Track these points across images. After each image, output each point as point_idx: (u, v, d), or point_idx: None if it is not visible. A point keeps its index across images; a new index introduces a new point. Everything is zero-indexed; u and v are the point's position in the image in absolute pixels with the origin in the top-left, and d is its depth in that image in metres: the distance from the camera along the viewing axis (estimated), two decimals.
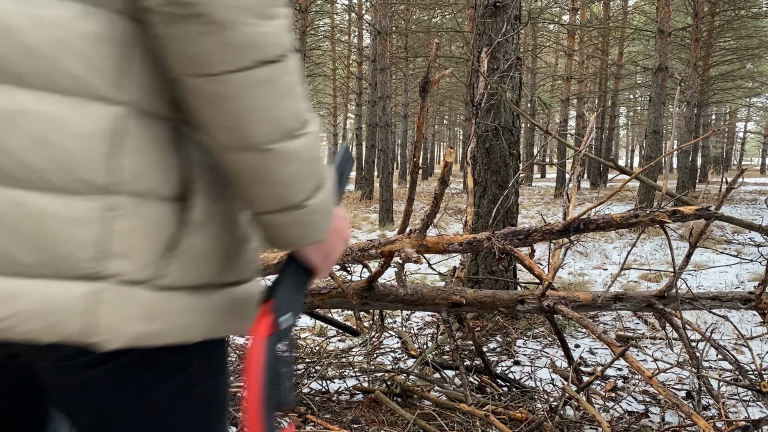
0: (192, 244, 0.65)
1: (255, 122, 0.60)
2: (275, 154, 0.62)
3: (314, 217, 0.69)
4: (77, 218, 0.59)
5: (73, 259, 0.59)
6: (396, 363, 3.08)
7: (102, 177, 0.59)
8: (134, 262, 0.61)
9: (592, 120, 2.91)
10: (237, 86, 0.58)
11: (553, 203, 14.94)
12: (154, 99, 0.62)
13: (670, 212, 2.20)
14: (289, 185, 0.65)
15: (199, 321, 0.68)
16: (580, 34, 20.14)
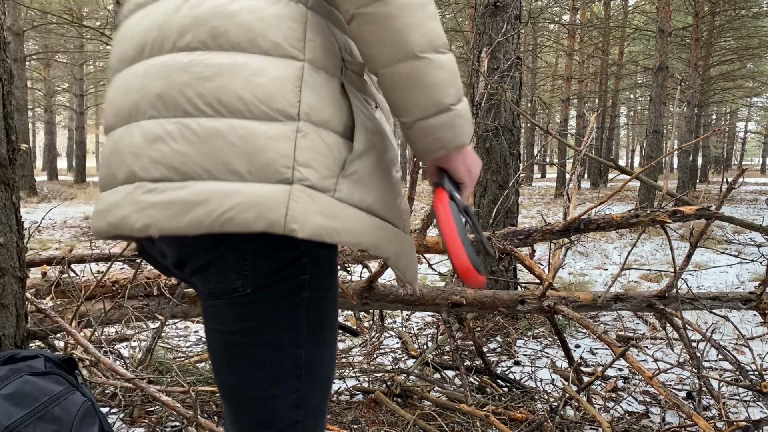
0: (356, 169, 0.85)
1: (413, 35, 0.81)
2: (428, 61, 0.83)
3: (460, 120, 0.86)
4: (275, 136, 0.80)
5: (273, 166, 0.79)
6: (396, 363, 3.08)
7: (291, 108, 0.81)
8: (316, 173, 0.81)
9: (592, 120, 2.91)
10: (398, 6, 0.81)
11: (554, 203, 14.93)
12: (324, 59, 0.86)
13: (671, 212, 2.20)
14: (439, 88, 0.84)
15: (366, 232, 0.85)
16: (581, 34, 20.13)
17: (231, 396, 0.94)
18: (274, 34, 0.83)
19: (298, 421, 0.93)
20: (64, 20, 16.24)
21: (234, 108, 0.80)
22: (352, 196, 0.84)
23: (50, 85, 23.48)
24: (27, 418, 1.28)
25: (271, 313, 0.87)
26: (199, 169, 0.79)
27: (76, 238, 8.29)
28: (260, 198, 0.78)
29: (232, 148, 0.79)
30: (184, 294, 2.47)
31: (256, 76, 0.81)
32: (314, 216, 0.79)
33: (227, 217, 0.78)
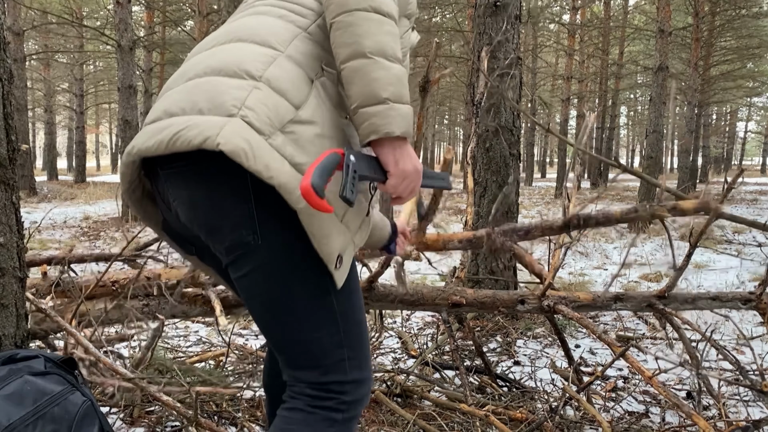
0: (295, 130, 1.02)
1: (366, 40, 1.03)
2: (374, 61, 1.03)
3: (393, 113, 1.04)
4: (236, 86, 1.02)
5: (225, 105, 1.00)
6: (396, 363, 3.08)
7: (255, 72, 1.04)
8: (257, 116, 0.99)
9: (591, 118, 2.91)
10: (359, 18, 1.03)
11: (554, 203, 14.93)
12: (302, 59, 1.09)
13: (670, 207, 2.20)
14: (379, 83, 1.03)
15: (280, 174, 0.98)
16: (581, 34, 20.12)
17: (283, 346, 1.13)
18: (267, 33, 1.11)
19: (343, 358, 1.12)
20: (64, 20, 16.24)
21: (216, 69, 1.06)
22: (283, 149, 1.00)
23: (50, 85, 23.47)
24: (27, 418, 1.28)
25: (291, 264, 1.05)
26: (177, 108, 1.03)
27: (76, 238, 8.29)
28: (206, 123, 0.98)
29: (203, 93, 1.03)
30: (184, 294, 2.47)
31: (240, 51, 1.08)
32: (239, 139, 0.96)
33: (177, 137, 0.98)
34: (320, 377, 1.12)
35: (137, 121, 11.09)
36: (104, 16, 21.13)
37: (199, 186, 1.04)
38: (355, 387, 1.14)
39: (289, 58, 1.08)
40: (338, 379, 1.12)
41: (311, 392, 1.12)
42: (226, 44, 1.12)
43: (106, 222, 10.29)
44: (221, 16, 7.54)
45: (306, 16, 1.16)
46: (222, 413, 2.32)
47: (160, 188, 1.13)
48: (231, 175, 1.00)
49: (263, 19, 1.15)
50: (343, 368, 1.13)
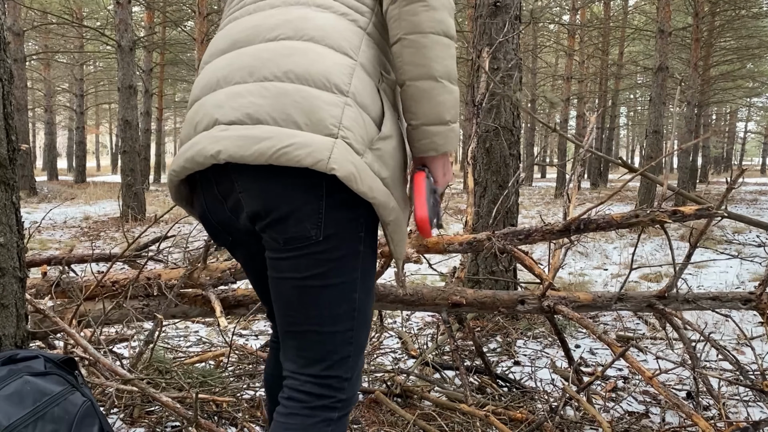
0: (380, 147, 1.08)
1: (437, 63, 1.11)
2: (442, 85, 1.11)
3: (452, 134, 1.15)
4: (329, 102, 1.04)
5: (324, 123, 1.03)
6: (396, 363, 3.07)
7: (343, 85, 1.07)
8: (354, 136, 1.04)
9: (592, 120, 2.91)
10: (432, 41, 1.10)
11: (554, 203, 14.93)
12: (370, 67, 1.13)
13: (671, 212, 2.20)
14: (444, 106, 1.12)
15: (380, 193, 1.07)
16: (581, 34, 20.12)
17: (297, 333, 1.15)
18: (340, 37, 1.11)
19: (349, 355, 1.15)
20: (64, 20, 16.25)
21: (302, 77, 1.05)
22: (373, 165, 1.06)
23: (50, 85, 23.47)
24: (27, 419, 1.28)
25: (338, 260, 1.09)
26: (267, 116, 1.03)
27: (77, 238, 8.29)
28: (312, 142, 1.01)
29: (296, 104, 1.03)
30: (184, 294, 2.47)
31: (322, 58, 1.07)
32: (348, 164, 1.02)
33: (284, 152, 1.00)
34: (323, 371, 1.14)
35: (137, 121, 11.08)
36: (104, 16, 21.15)
37: (274, 180, 1.06)
38: (351, 385, 1.17)
39: (363, 68, 1.11)
40: (339, 374, 1.15)
41: (309, 388, 1.14)
42: (296, 41, 1.10)
43: (106, 222, 10.29)
44: (222, 16, 7.53)
45: (364, 14, 1.17)
46: (222, 413, 2.32)
47: (216, 178, 1.12)
48: (308, 174, 1.04)
49: (329, 18, 1.14)
50: (346, 365, 1.15)
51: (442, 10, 1.10)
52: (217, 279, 2.47)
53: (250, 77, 1.07)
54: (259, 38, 1.12)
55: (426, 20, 1.09)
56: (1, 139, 1.57)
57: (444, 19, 1.11)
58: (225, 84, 1.10)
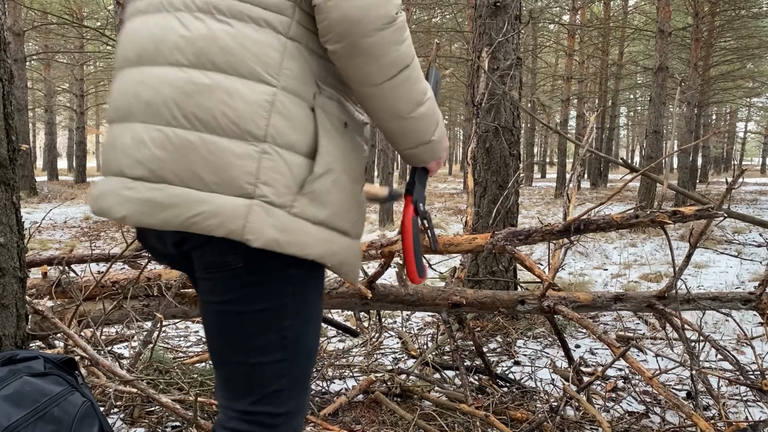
0: (314, 188, 0.96)
1: (400, 104, 1.01)
2: (413, 119, 1.03)
3: (436, 146, 1.11)
4: (242, 155, 0.91)
5: (237, 182, 0.91)
6: (396, 363, 3.07)
7: (258, 130, 0.92)
8: (274, 191, 0.92)
9: (592, 120, 2.91)
10: (389, 88, 0.98)
11: (554, 203, 14.93)
12: (297, 87, 0.96)
13: (671, 213, 2.20)
14: (421, 132, 1.06)
15: (315, 245, 0.96)
16: (581, 34, 20.11)
17: (221, 362, 1.06)
18: (252, 60, 0.93)
19: (282, 389, 1.05)
20: (64, 20, 16.24)
21: (207, 123, 0.92)
22: (305, 212, 0.95)
23: (50, 85, 23.47)
24: (26, 419, 1.28)
25: (258, 285, 0.99)
26: (172, 174, 0.92)
27: (77, 239, 8.29)
28: (223, 209, 0.90)
29: (203, 161, 0.91)
30: (184, 294, 2.47)
31: (231, 98, 0.92)
32: (268, 229, 0.91)
33: (193, 222, 0.90)
34: (250, 406, 1.04)
35: None
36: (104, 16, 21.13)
37: None
38: (287, 419, 1.07)
39: (287, 93, 0.95)
40: (269, 410, 1.04)
41: (236, 425, 1.04)
42: (199, 72, 0.93)
43: (107, 222, 10.29)
44: None
45: (284, 11, 0.96)
46: None
47: None
48: None
49: (238, 34, 0.94)
50: (277, 399, 1.04)
51: (387, 53, 0.95)
52: None
53: (153, 118, 0.94)
54: (161, 58, 0.96)
55: (375, 72, 0.96)
56: (1, 139, 1.57)
57: (393, 59, 0.96)
58: (131, 118, 0.97)
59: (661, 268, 5.96)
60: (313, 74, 0.98)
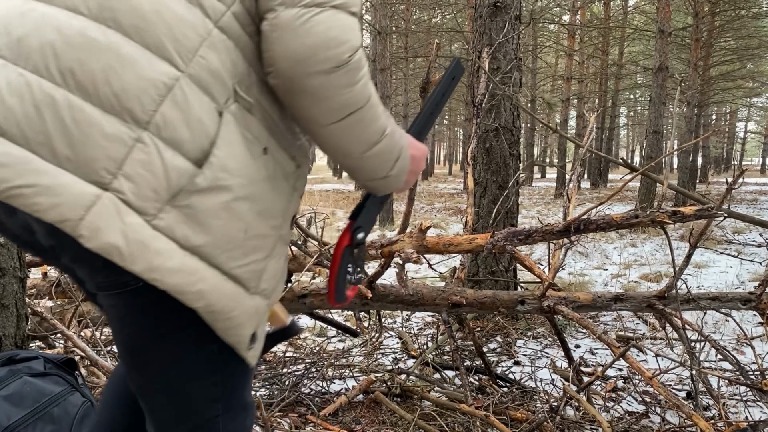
0: (191, 203, 0.77)
1: (351, 145, 0.88)
2: (366, 158, 0.90)
3: (393, 180, 0.97)
4: (113, 136, 0.74)
5: (94, 165, 0.74)
6: (396, 363, 3.08)
7: (143, 113, 0.75)
8: (136, 190, 0.75)
9: (592, 120, 2.91)
10: (338, 130, 0.85)
11: (554, 203, 14.93)
12: (210, 82, 0.79)
13: (671, 212, 2.20)
14: (375, 170, 0.94)
15: (172, 272, 0.77)
16: (581, 34, 20.12)
17: (144, 393, 0.92)
18: (164, 33, 0.78)
19: (217, 414, 0.92)
20: None
21: (83, 87, 0.74)
22: (173, 230, 0.77)
23: None
24: (26, 419, 1.28)
25: (170, 309, 0.81)
26: (16, 129, 0.73)
27: None
28: (65, 190, 0.73)
29: (62, 127, 0.73)
30: None
31: (122, 67, 0.75)
32: (112, 232, 0.73)
33: (18, 193, 0.72)
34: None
35: None
36: None
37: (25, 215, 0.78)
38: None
39: (192, 81, 0.78)
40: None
41: None
42: (97, 28, 0.76)
43: None
44: None
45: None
46: None
47: None
48: None
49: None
50: (216, 426, 0.93)
51: (336, 95, 0.81)
52: None
53: (19, 60, 0.76)
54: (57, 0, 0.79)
55: (320, 114, 0.83)
56: None
57: (341, 102, 0.82)
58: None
59: (661, 268, 5.97)
60: (234, 77, 0.81)
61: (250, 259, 0.84)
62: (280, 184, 0.88)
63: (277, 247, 0.89)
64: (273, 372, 2.80)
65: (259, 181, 0.83)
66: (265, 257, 0.86)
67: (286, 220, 0.91)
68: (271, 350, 3.20)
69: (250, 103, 0.83)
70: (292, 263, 2.47)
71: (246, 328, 0.86)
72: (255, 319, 0.87)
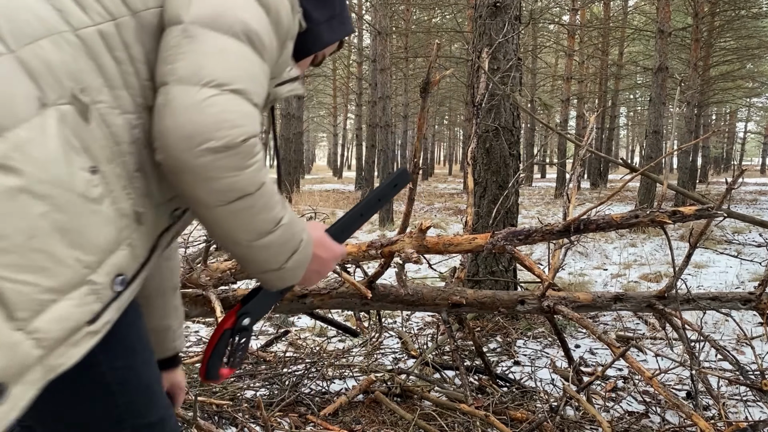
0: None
1: (238, 233, 0.82)
2: (255, 248, 0.84)
3: (288, 273, 0.90)
4: None
5: None
6: (396, 363, 3.08)
7: None
8: None
9: (592, 120, 2.91)
10: (224, 215, 0.79)
11: (554, 203, 14.93)
12: (44, 73, 0.72)
13: (670, 213, 2.20)
14: (267, 262, 0.87)
15: None
16: (580, 35, 20.13)
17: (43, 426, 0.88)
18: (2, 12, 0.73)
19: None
20: None
21: None
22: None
23: None
24: None
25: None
26: None
27: None
28: None
29: None
30: (184, 294, 2.48)
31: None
32: None
33: None
34: None
35: None
36: None
37: None
38: None
39: (18, 63, 0.70)
40: None
41: None
42: None
43: None
44: None
45: (88, 11, 0.78)
46: (222, 413, 2.32)
47: None
48: None
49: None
50: None
51: (222, 177, 0.76)
52: (218, 279, 2.47)
53: None
54: None
55: (204, 195, 0.77)
56: None
57: (228, 185, 0.76)
58: None
59: (661, 268, 5.97)
60: (77, 82, 0.75)
61: (26, 278, 0.67)
62: (105, 220, 0.75)
63: (76, 291, 0.72)
64: (273, 372, 2.81)
65: (73, 195, 0.71)
66: (52, 290, 0.69)
67: (104, 272, 0.76)
68: (271, 350, 3.20)
69: (93, 115, 0.75)
70: None
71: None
72: (7, 357, 0.66)
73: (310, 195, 16.63)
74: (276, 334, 3.47)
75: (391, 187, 1.09)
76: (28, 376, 0.68)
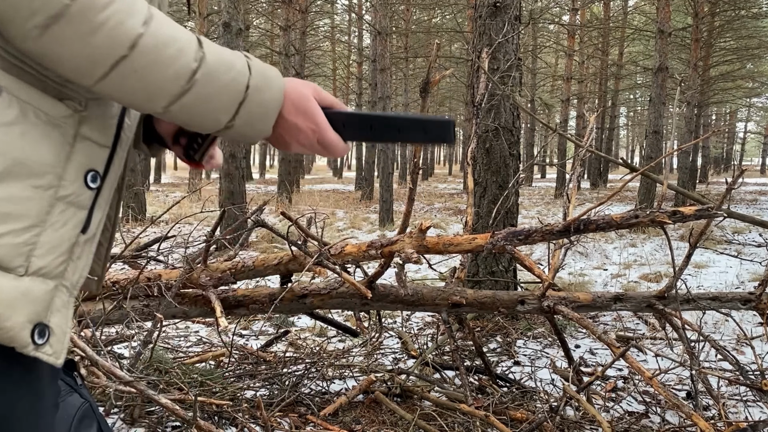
0: None
1: (142, 102, 0.70)
2: (175, 112, 0.72)
3: (248, 127, 0.77)
4: None
5: None
6: (396, 363, 3.08)
7: None
8: None
9: (592, 120, 2.91)
10: (111, 87, 0.68)
11: (554, 203, 14.93)
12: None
13: (670, 213, 2.20)
14: (204, 121, 0.74)
15: None
16: (580, 35, 20.13)
17: None
18: None
19: None
20: None
21: None
22: None
23: None
24: None
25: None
26: None
27: None
28: None
29: None
30: (184, 294, 2.48)
31: None
32: None
33: None
34: None
35: None
36: None
37: None
38: None
39: None
40: None
41: None
42: None
43: None
44: (221, 17, 7.54)
45: None
46: (222, 413, 2.32)
47: None
48: None
49: None
50: None
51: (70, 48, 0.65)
52: (218, 279, 2.47)
53: None
54: None
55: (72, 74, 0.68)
56: None
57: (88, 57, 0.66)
58: None
59: (661, 268, 5.97)
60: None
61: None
62: (40, 133, 0.69)
63: (54, 212, 0.70)
64: (273, 372, 2.80)
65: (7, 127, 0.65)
66: (29, 227, 0.67)
67: (71, 179, 0.71)
68: (271, 350, 3.20)
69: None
70: (292, 263, 2.47)
71: (7, 319, 0.66)
72: (28, 306, 0.67)
73: (310, 195, 16.62)
74: (276, 334, 3.47)
75: (422, 131, 0.83)
76: (54, 304, 0.71)
